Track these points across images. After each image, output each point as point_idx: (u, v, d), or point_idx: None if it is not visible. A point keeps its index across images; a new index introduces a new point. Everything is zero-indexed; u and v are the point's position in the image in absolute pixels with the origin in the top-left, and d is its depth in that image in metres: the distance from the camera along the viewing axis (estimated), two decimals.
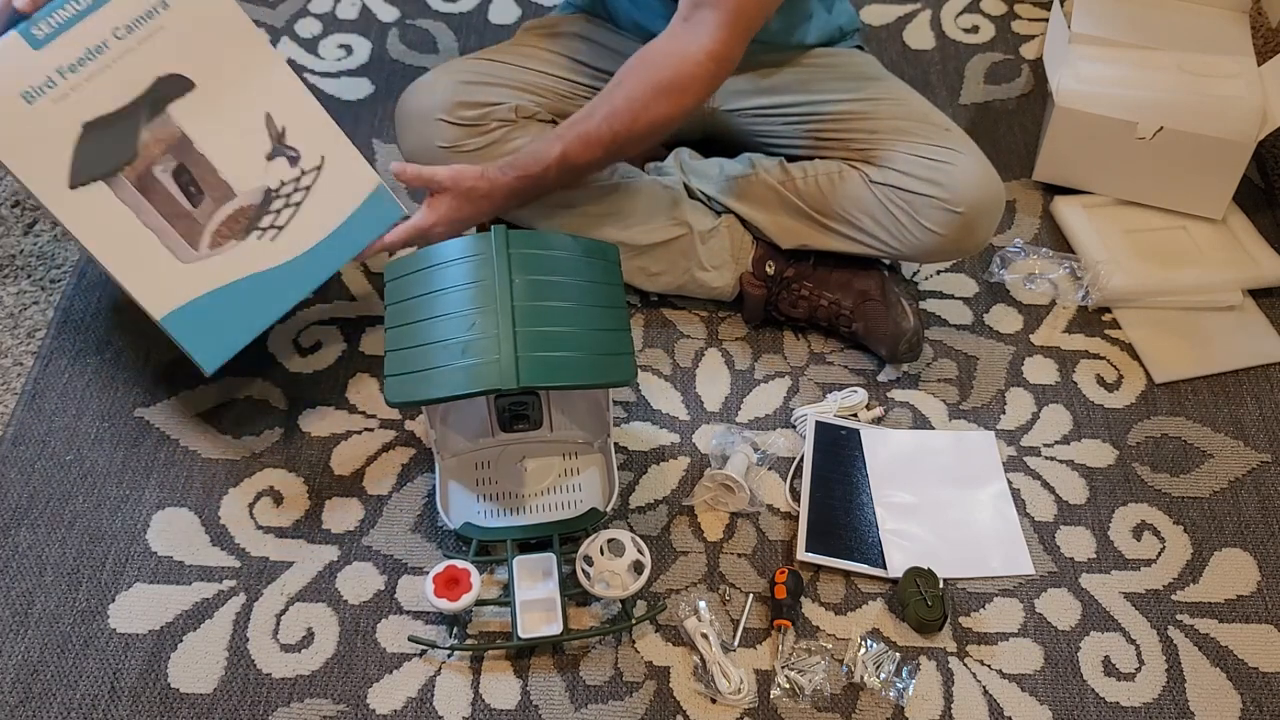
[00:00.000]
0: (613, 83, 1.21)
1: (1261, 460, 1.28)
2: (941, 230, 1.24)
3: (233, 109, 1.08)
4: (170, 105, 1.06)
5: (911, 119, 1.29)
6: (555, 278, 1.10)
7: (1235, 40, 1.58)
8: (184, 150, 1.08)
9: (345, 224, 1.16)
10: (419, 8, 1.80)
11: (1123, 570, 1.19)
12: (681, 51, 1.17)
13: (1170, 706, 1.09)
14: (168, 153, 1.08)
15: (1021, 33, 1.80)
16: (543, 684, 1.09)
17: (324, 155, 1.12)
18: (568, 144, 1.19)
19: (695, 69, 1.16)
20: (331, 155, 1.13)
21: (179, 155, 1.08)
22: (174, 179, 1.09)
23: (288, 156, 1.11)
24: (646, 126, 1.19)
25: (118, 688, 1.08)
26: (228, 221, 1.12)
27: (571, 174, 1.22)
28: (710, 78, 1.18)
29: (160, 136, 1.07)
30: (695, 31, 1.16)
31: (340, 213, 1.15)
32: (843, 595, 1.16)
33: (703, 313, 1.41)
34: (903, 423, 1.31)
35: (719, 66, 1.17)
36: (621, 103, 1.18)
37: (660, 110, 1.18)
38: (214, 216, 1.12)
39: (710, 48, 1.16)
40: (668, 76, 1.17)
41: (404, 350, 1.07)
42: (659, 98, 1.17)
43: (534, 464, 1.23)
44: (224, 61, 1.06)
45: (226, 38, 1.05)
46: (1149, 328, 1.40)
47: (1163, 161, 1.46)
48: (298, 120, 1.11)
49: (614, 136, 1.19)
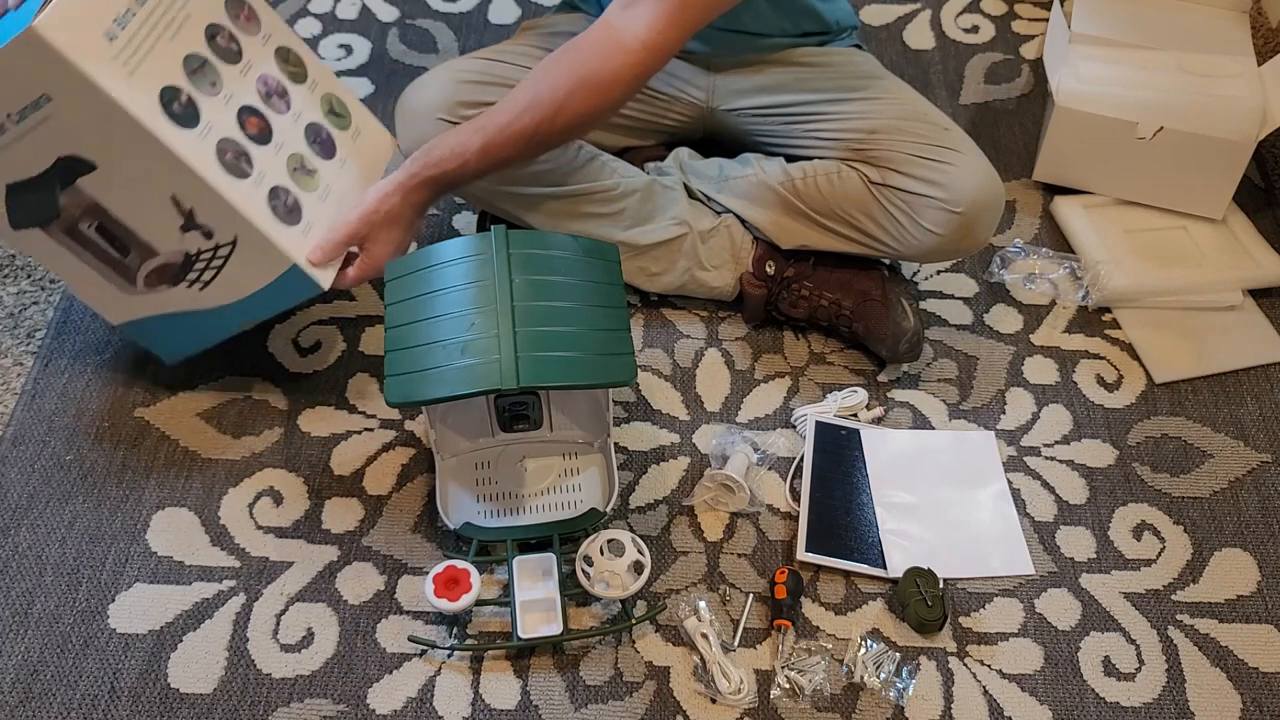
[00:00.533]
0: (539, 69, 1.17)
1: (1261, 460, 1.28)
2: (941, 230, 1.24)
3: (138, 188, 1.08)
4: (79, 180, 1.07)
5: (911, 118, 1.29)
6: (555, 278, 1.10)
7: (1235, 40, 1.58)
8: (101, 214, 1.11)
9: (265, 289, 1.16)
10: (419, 8, 1.80)
11: (1123, 570, 1.19)
12: (615, 41, 1.14)
13: (1170, 706, 1.09)
14: (87, 214, 1.11)
15: (1021, 33, 1.80)
16: (543, 684, 1.09)
17: (237, 235, 1.11)
18: (489, 137, 1.16)
19: (627, 59, 1.13)
20: (244, 237, 1.11)
21: (97, 216, 1.11)
22: (99, 234, 1.12)
23: (201, 231, 1.11)
24: (570, 119, 1.16)
25: (118, 688, 1.08)
26: (156, 271, 1.15)
27: (493, 166, 1.18)
28: (642, 69, 1.15)
29: (76, 202, 1.09)
30: (633, 21, 1.13)
31: (257, 281, 1.16)
32: (843, 595, 1.16)
33: (703, 313, 1.41)
34: (903, 423, 1.31)
35: (652, 59, 1.14)
36: (546, 94, 1.15)
37: (585, 105, 1.15)
38: (143, 266, 1.15)
39: (647, 38, 1.13)
40: (595, 69, 1.14)
41: (404, 350, 1.07)
42: (585, 92, 1.14)
43: (534, 464, 1.23)
44: (115, 148, 1.05)
45: (110, 128, 1.03)
46: (1149, 328, 1.40)
47: (1163, 161, 1.46)
48: (203, 202, 1.09)
49: (535, 129, 1.16)
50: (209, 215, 1.10)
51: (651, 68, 1.15)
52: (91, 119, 1.02)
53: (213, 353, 1.30)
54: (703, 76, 1.38)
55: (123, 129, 1.03)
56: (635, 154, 1.43)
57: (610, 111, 1.18)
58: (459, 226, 1.49)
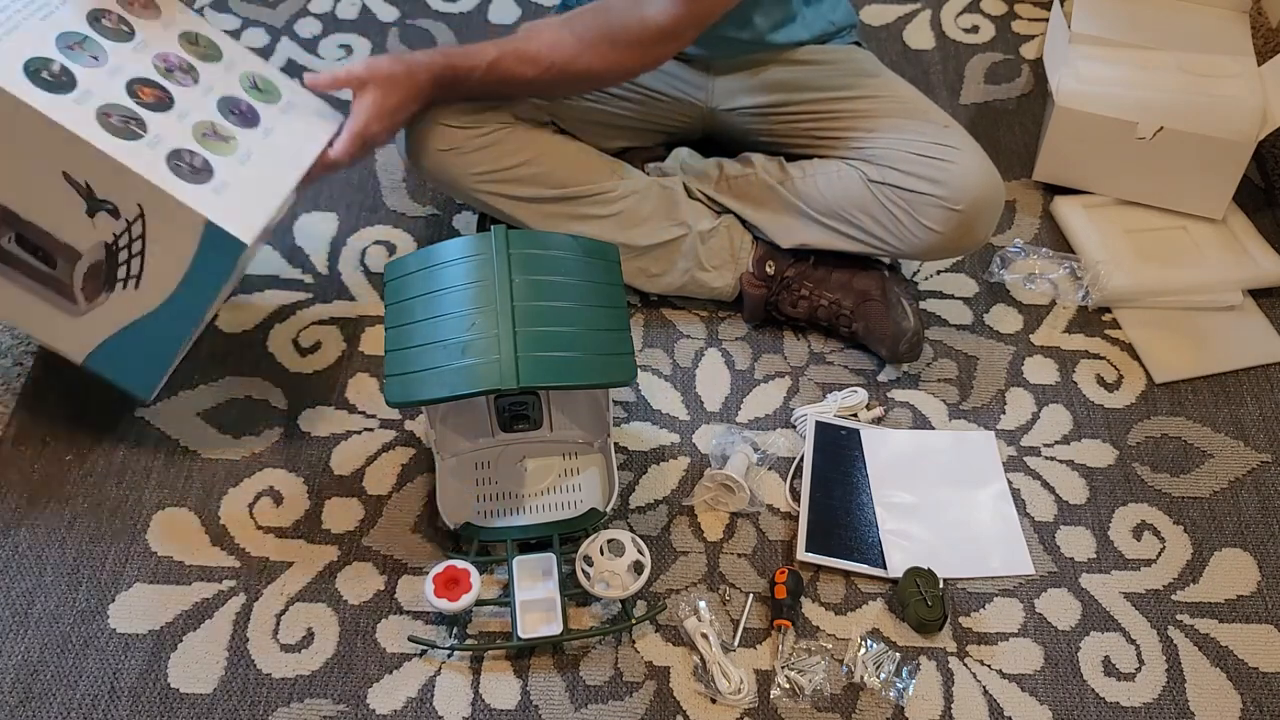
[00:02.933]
0: (571, 14, 1.21)
1: (1261, 460, 1.28)
2: (941, 228, 1.24)
3: (29, 175, 1.05)
4: None
5: (910, 116, 1.29)
6: (555, 278, 1.10)
7: (1235, 40, 1.58)
8: (13, 220, 1.08)
9: (194, 264, 1.11)
10: (419, 8, 1.80)
11: (1123, 570, 1.19)
12: (640, 14, 1.18)
13: (1170, 706, 1.09)
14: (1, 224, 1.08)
15: (1021, 33, 1.80)
16: (543, 684, 1.09)
17: (140, 203, 1.07)
18: (504, 53, 1.20)
19: (645, 34, 1.17)
20: (149, 203, 1.07)
21: (12, 225, 1.08)
22: (20, 246, 1.10)
23: (107, 210, 1.08)
24: (584, 69, 1.19)
25: (118, 688, 1.08)
26: (88, 277, 1.12)
27: (496, 85, 1.21)
28: (655, 48, 1.19)
29: None
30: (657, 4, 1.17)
31: (184, 253, 1.11)
32: (843, 595, 1.16)
33: (703, 313, 1.41)
34: (903, 423, 1.31)
35: (665, 42, 1.18)
36: (569, 35, 1.19)
37: (603, 58, 1.19)
38: (74, 275, 1.12)
39: (662, 22, 1.16)
40: (620, 28, 1.18)
41: (404, 350, 1.07)
42: (607, 46, 1.18)
43: (534, 464, 1.23)
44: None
45: None
46: (1149, 328, 1.40)
47: (1163, 161, 1.46)
48: (94, 170, 1.05)
49: (550, 66, 1.19)
50: (107, 186, 1.06)
51: (663, 51, 1.20)
52: None
53: (213, 353, 1.30)
54: (702, 77, 1.38)
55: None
56: (635, 154, 1.43)
57: (623, 76, 1.22)
58: (459, 227, 1.49)
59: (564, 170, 1.31)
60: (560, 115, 1.35)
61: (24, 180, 1.06)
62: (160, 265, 1.11)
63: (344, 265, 1.44)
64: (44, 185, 1.06)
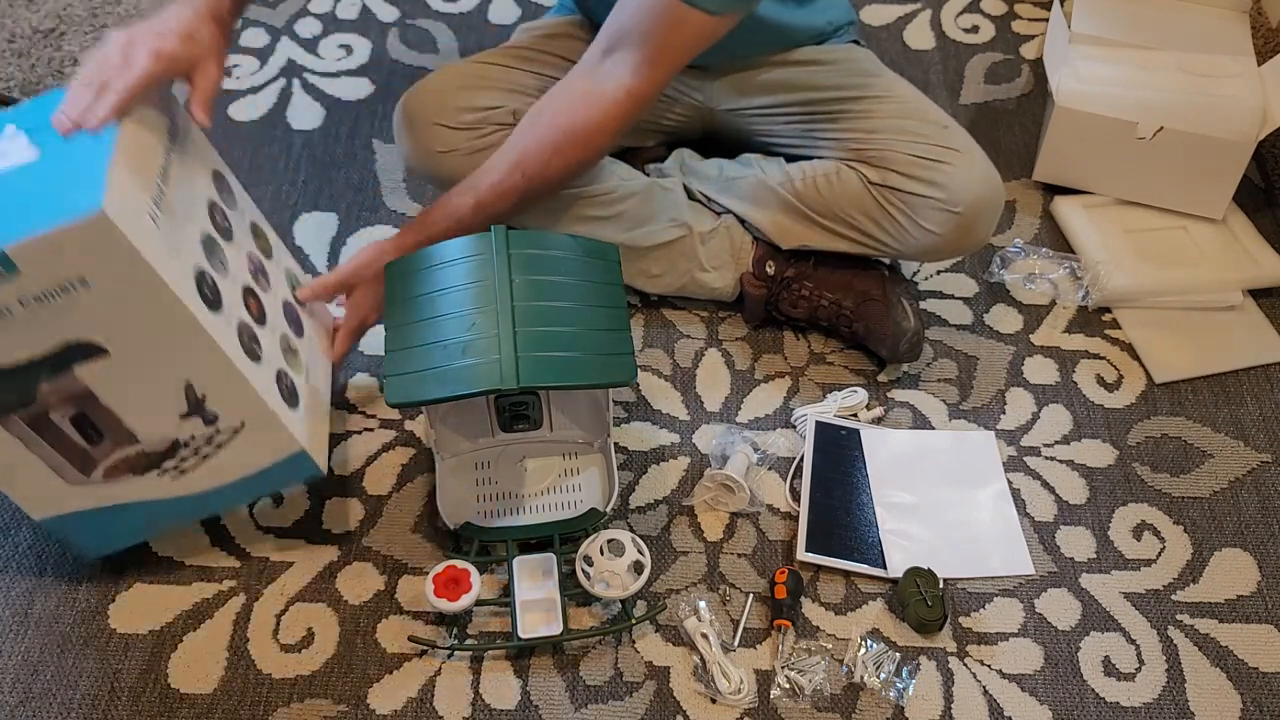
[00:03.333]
0: (524, 124, 1.20)
1: (1261, 460, 1.28)
2: (940, 230, 1.24)
3: (149, 376, 0.97)
4: (77, 366, 0.95)
5: (910, 117, 1.29)
6: (555, 278, 1.10)
7: (1235, 40, 1.58)
8: (86, 401, 0.97)
9: (257, 474, 1.09)
10: (419, 8, 1.80)
11: (1123, 570, 1.19)
12: (598, 92, 1.16)
13: (1170, 706, 1.09)
14: (68, 403, 0.97)
15: (1021, 33, 1.80)
16: (543, 684, 1.09)
17: (245, 420, 1.02)
18: (480, 195, 1.18)
19: (613, 108, 1.15)
20: (254, 420, 1.03)
21: (80, 406, 0.98)
22: (72, 424, 0.99)
23: (204, 418, 1.01)
24: (558, 172, 1.19)
25: (118, 688, 1.08)
26: (127, 460, 1.03)
27: (488, 221, 1.18)
28: (627, 117, 1.17)
29: (61, 389, 0.96)
30: (615, 68, 1.15)
31: (253, 465, 1.07)
32: (843, 595, 1.16)
33: (703, 313, 1.41)
34: (903, 423, 1.31)
35: (636, 106, 1.16)
36: (533, 150, 1.17)
37: (572, 157, 1.18)
38: (112, 455, 1.03)
39: (632, 85, 1.15)
40: (580, 122, 1.16)
41: (404, 350, 1.07)
42: (570, 146, 1.17)
43: (534, 464, 1.23)
44: (144, 335, 0.94)
45: (149, 315, 0.93)
46: (1149, 328, 1.40)
47: (1163, 161, 1.46)
48: (222, 389, 1.00)
49: (525, 185, 1.18)
50: (221, 401, 1.01)
51: (636, 114, 1.18)
52: (130, 305, 0.92)
53: None
54: (702, 79, 1.38)
55: (163, 316, 0.93)
56: (635, 155, 1.43)
57: (598, 158, 1.21)
58: None
59: None
60: None
61: (138, 380, 0.97)
62: (219, 467, 1.07)
63: None
64: (156, 388, 0.98)
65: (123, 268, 0.89)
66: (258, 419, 1.03)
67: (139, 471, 1.04)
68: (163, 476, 1.06)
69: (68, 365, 0.95)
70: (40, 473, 1.02)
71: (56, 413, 0.98)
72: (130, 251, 0.88)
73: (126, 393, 0.98)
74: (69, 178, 0.91)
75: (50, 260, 0.88)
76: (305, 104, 1.64)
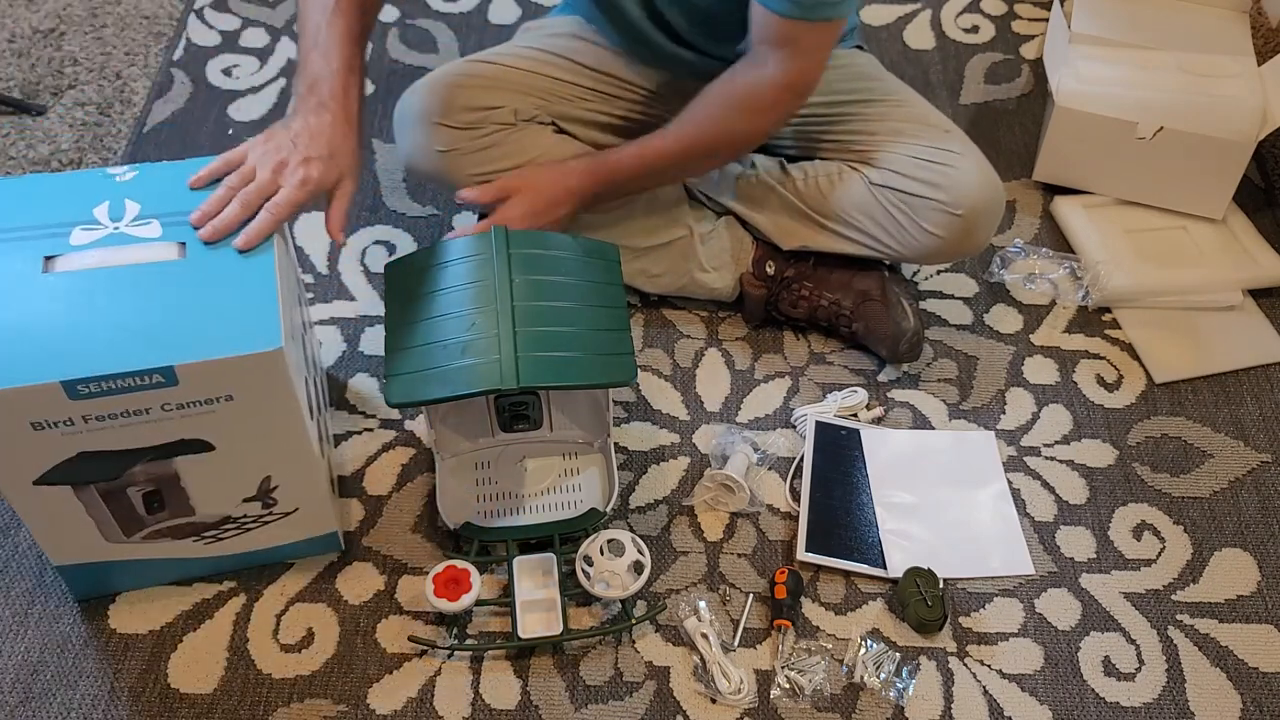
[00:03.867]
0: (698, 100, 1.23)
1: (1261, 460, 1.28)
2: (941, 232, 1.24)
3: (239, 469, 1.01)
4: (179, 457, 0.98)
5: (911, 120, 1.29)
6: (555, 278, 1.10)
7: (1235, 40, 1.58)
8: (167, 482, 1.00)
9: (284, 545, 1.12)
10: (419, 8, 1.80)
11: (1123, 570, 1.19)
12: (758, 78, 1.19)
13: (1170, 706, 1.09)
14: (150, 482, 1.00)
15: (1021, 33, 1.80)
16: (543, 684, 1.09)
17: (299, 506, 1.07)
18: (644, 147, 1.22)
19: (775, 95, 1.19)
20: (306, 505, 1.07)
21: (159, 484, 1.00)
22: (141, 498, 1.01)
23: (264, 503, 1.05)
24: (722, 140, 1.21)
25: (118, 688, 1.08)
26: (174, 529, 1.06)
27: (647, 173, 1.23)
28: (788, 106, 1.21)
29: (153, 472, 0.98)
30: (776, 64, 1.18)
31: (286, 539, 1.11)
32: (843, 595, 1.16)
33: (703, 313, 1.41)
34: (903, 423, 1.31)
35: (796, 98, 1.20)
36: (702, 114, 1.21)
37: (737, 125, 1.20)
38: (164, 524, 1.05)
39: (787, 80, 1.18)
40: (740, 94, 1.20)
41: (404, 350, 1.07)
42: (735, 113, 1.20)
43: (534, 464, 1.23)
44: (255, 438, 0.98)
45: (271, 425, 0.97)
46: (1149, 328, 1.40)
47: (1163, 161, 1.46)
48: (297, 482, 1.04)
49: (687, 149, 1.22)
50: (289, 492, 1.05)
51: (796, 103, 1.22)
52: (259, 417, 0.95)
53: None
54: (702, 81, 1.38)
55: (282, 427, 0.97)
56: None
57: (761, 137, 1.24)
58: (459, 227, 1.49)
59: None
60: (560, 116, 1.35)
61: (226, 471, 1.00)
62: (256, 539, 1.10)
63: (344, 265, 1.44)
64: (239, 478, 1.02)
65: (270, 389, 0.94)
66: (313, 507, 1.08)
67: (178, 537, 1.08)
68: (198, 542, 1.09)
69: (172, 455, 0.97)
70: (84, 529, 1.03)
71: (135, 488, 1.00)
72: (284, 379, 0.93)
73: (210, 479, 1.01)
74: (240, 304, 0.93)
75: (211, 379, 0.91)
76: None
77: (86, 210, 0.99)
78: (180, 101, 1.64)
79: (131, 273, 0.94)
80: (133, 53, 1.73)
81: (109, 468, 0.96)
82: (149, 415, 0.92)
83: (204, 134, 1.59)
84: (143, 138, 1.58)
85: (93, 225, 0.98)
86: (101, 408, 0.90)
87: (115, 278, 0.94)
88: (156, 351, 0.89)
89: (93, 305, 0.92)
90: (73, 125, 1.61)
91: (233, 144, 1.08)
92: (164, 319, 0.91)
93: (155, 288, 0.94)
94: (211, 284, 0.94)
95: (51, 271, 0.95)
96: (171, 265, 0.96)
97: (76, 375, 0.87)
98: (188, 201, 1.00)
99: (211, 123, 1.60)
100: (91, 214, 0.99)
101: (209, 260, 0.96)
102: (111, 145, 1.59)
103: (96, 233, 0.97)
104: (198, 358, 0.89)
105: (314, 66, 1.09)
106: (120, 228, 0.98)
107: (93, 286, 0.93)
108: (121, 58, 1.72)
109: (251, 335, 0.91)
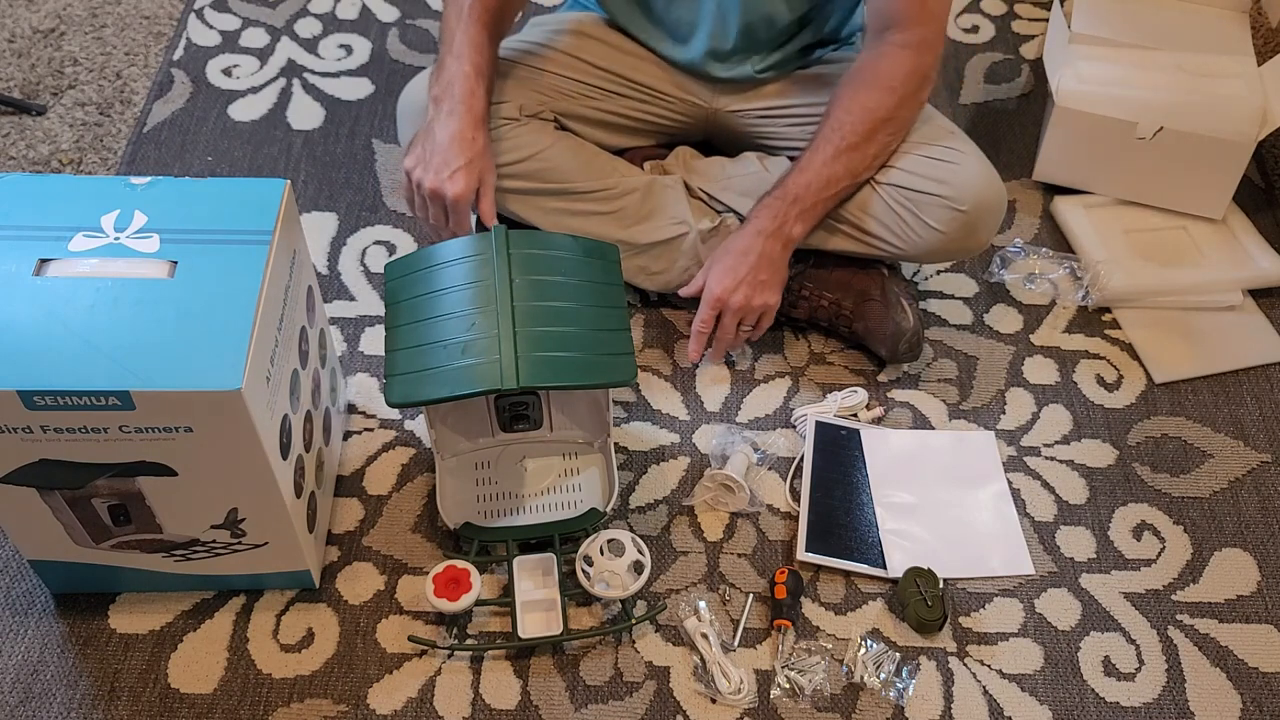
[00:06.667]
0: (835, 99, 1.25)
1: (1261, 460, 1.28)
2: (945, 229, 1.24)
3: (202, 497, 1.00)
4: (141, 477, 0.98)
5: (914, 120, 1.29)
6: (555, 278, 1.10)
7: (1235, 40, 1.58)
8: (131, 498, 1.00)
9: (255, 575, 1.11)
10: (419, 8, 1.80)
11: (1123, 570, 1.19)
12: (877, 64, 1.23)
13: (1170, 706, 1.09)
14: (114, 495, 1.00)
15: (1021, 33, 1.80)
16: (543, 684, 1.09)
17: (270, 541, 1.06)
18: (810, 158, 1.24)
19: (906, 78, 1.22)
20: (277, 541, 1.06)
21: (124, 500, 1.00)
22: (107, 510, 1.02)
23: (232, 532, 1.05)
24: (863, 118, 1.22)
25: (118, 688, 1.08)
26: (142, 543, 1.06)
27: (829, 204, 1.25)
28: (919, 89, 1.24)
29: (115, 487, 0.99)
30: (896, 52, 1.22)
31: (255, 570, 1.10)
32: (843, 595, 1.16)
33: None
34: (903, 423, 1.31)
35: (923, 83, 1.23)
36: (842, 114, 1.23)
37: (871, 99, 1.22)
38: (131, 536, 1.05)
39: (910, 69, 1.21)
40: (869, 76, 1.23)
41: (404, 350, 1.07)
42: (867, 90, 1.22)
43: (534, 464, 1.23)
44: (217, 470, 0.97)
45: (232, 459, 0.96)
46: (1149, 328, 1.40)
47: (1163, 161, 1.46)
48: (263, 519, 1.03)
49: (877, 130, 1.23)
50: (257, 526, 1.04)
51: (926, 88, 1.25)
52: (220, 450, 0.95)
53: None
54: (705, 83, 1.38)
55: (244, 463, 0.96)
56: (635, 153, 1.43)
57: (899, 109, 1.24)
58: None
59: (565, 167, 1.31)
60: (563, 113, 1.35)
61: (189, 496, 1.00)
62: (224, 564, 1.09)
63: (344, 265, 1.44)
64: (203, 505, 1.02)
65: (230, 428, 0.92)
66: (283, 543, 1.07)
67: (147, 551, 1.07)
68: (167, 559, 1.08)
69: (133, 474, 0.97)
70: (52, 531, 1.04)
71: (99, 499, 1.00)
72: (245, 418, 0.91)
73: (174, 502, 1.01)
74: (208, 339, 0.91)
75: (168, 409, 0.90)
76: (305, 104, 1.64)
77: (95, 217, 0.99)
78: (180, 101, 1.64)
79: (116, 287, 0.94)
80: (133, 53, 1.73)
81: (71, 477, 0.97)
82: (107, 434, 0.92)
83: (204, 134, 1.59)
84: (143, 138, 1.58)
85: (95, 233, 0.98)
86: (59, 420, 0.90)
87: (99, 290, 0.93)
88: (117, 374, 0.89)
89: (69, 316, 0.91)
90: (73, 125, 1.61)
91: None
92: (132, 340, 0.91)
93: (134, 306, 0.93)
94: (190, 310, 0.93)
95: (42, 275, 0.94)
96: (157, 284, 0.95)
97: (34, 387, 0.88)
98: (194, 218, 1.00)
99: (211, 123, 1.60)
100: (98, 221, 0.99)
101: (195, 283, 0.95)
102: (111, 145, 1.59)
103: (96, 241, 0.97)
104: (155, 387, 0.88)
105: (448, 71, 1.20)
106: (121, 238, 0.97)
107: (75, 296, 0.93)
108: (121, 58, 1.72)
109: (213, 372, 0.89)
